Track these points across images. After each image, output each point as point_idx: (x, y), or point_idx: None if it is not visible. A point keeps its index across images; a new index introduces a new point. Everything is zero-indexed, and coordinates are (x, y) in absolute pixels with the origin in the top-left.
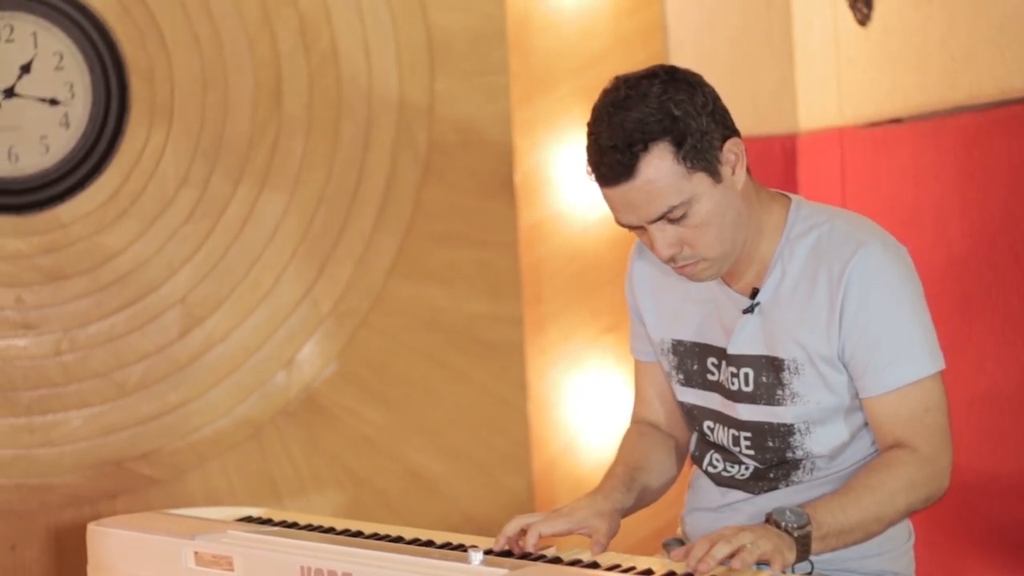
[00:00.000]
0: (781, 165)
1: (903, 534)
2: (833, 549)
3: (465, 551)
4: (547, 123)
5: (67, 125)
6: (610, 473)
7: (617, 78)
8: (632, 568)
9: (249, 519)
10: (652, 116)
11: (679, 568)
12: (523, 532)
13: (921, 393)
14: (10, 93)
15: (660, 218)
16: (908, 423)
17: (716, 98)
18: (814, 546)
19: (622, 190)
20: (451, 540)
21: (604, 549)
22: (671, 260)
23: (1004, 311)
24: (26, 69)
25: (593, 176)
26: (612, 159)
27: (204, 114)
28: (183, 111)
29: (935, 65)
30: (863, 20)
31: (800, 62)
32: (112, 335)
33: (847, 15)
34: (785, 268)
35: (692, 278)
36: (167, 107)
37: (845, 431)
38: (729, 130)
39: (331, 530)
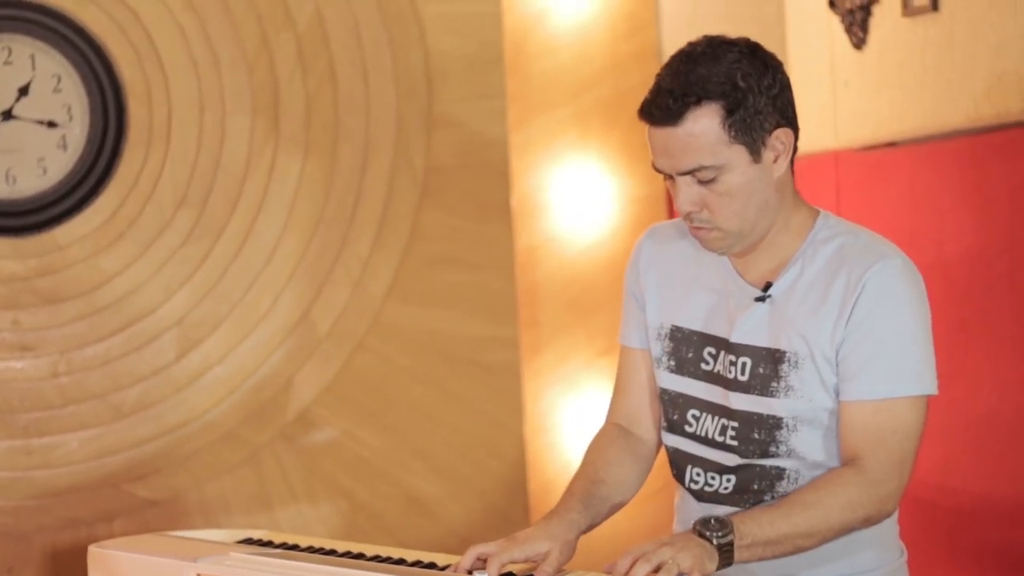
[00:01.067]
0: None
1: (894, 552)
2: (762, 559)
3: (470, 574)
4: (544, 146)
5: (65, 147)
6: (569, 491)
7: (705, 36)
8: None
9: (249, 541)
10: (716, 77)
11: None
12: (481, 561)
13: (893, 414)
14: (8, 115)
15: (689, 172)
16: (870, 440)
17: (786, 87)
18: (739, 555)
19: (664, 133)
20: (453, 562)
21: None
22: (688, 218)
23: (1001, 335)
24: (24, 91)
25: (643, 116)
26: (665, 101)
27: (201, 137)
28: (181, 133)
29: (931, 89)
30: (859, 44)
31: (796, 86)
32: (109, 357)
33: (843, 39)
34: (805, 266)
35: (703, 243)
36: (164, 129)
37: (833, 438)
38: (786, 120)
39: (332, 552)
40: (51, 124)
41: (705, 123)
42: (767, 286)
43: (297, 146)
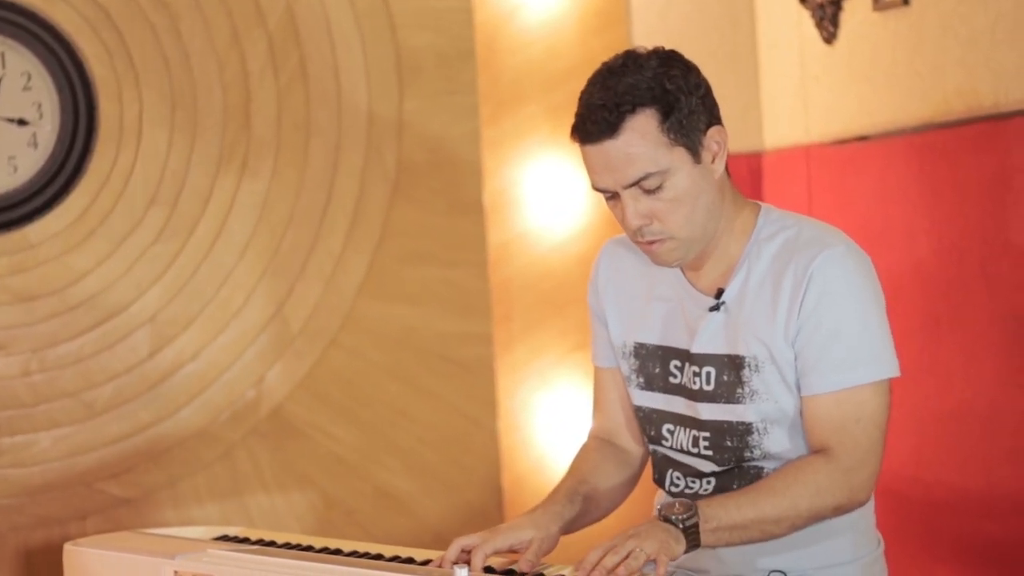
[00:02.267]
0: (747, 183)
1: (871, 542)
2: (729, 543)
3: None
4: (515, 142)
5: (35, 145)
6: (556, 488)
7: (621, 52)
8: None
9: (226, 538)
10: (644, 84)
11: None
12: (465, 553)
13: (856, 402)
14: None
15: (635, 183)
16: (836, 430)
17: (709, 89)
18: (704, 538)
19: (603, 148)
20: (431, 557)
21: (534, 566)
22: (638, 233)
23: (973, 329)
24: None
25: (577, 136)
26: (599, 116)
27: (172, 134)
28: (152, 131)
29: (902, 83)
30: (829, 38)
31: (765, 81)
32: (81, 355)
33: (813, 33)
34: (751, 268)
35: (656, 257)
36: (135, 127)
37: (802, 435)
38: (716, 119)
39: (310, 548)
40: (21, 122)
41: (643, 129)
42: (719, 293)
43: (268, 143)
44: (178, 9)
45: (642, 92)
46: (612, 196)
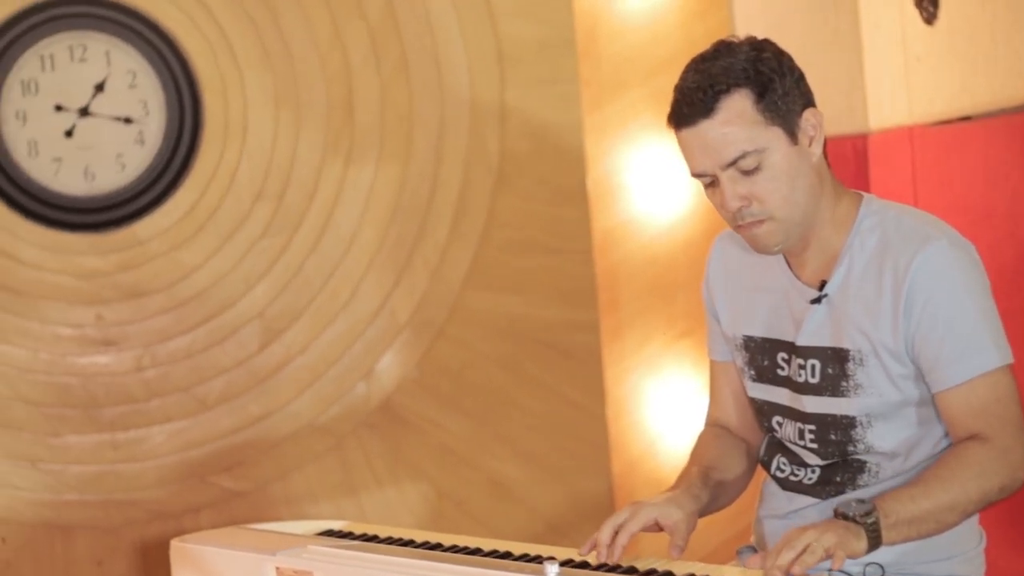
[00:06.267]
0: (853, 165)
1: (974, 537)
2: (907, 539)
3: (542, 563)
4: (618, 129)
5: (142, 143)
6: (685, 473)
7: (714, 42)
8: None
9: (330, 533)
10: (739, 65)
11: None
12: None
13: (990, 385)
14: (85, 112)
15: (732, 164)
16: (979, 415)
17: (802, 74)
18: (885, 535)
19: (700, 129)
20: (529, 551)
21: (683, 551)
22: (737, 216)
23: None
24: (100, 88)
25: (673, 121)
26: (694, 98)
27: (277, 129)
28: (256, 126)
29: (1002, 62)
30: (929, 19)
31: (868, 62)
32: (192, 350)
33: (914, 14)
34: (853, 260)
35: (756, 241)
36: (241, 123)
37: (909, 429)
38: (811, 102)
39: (411, 543)
40: (127, 120)
41: (738, 108)
42: (822, 284)
43: (372, 135)
44: (279, 5)
45: (736, 73)
46: (710, 182)
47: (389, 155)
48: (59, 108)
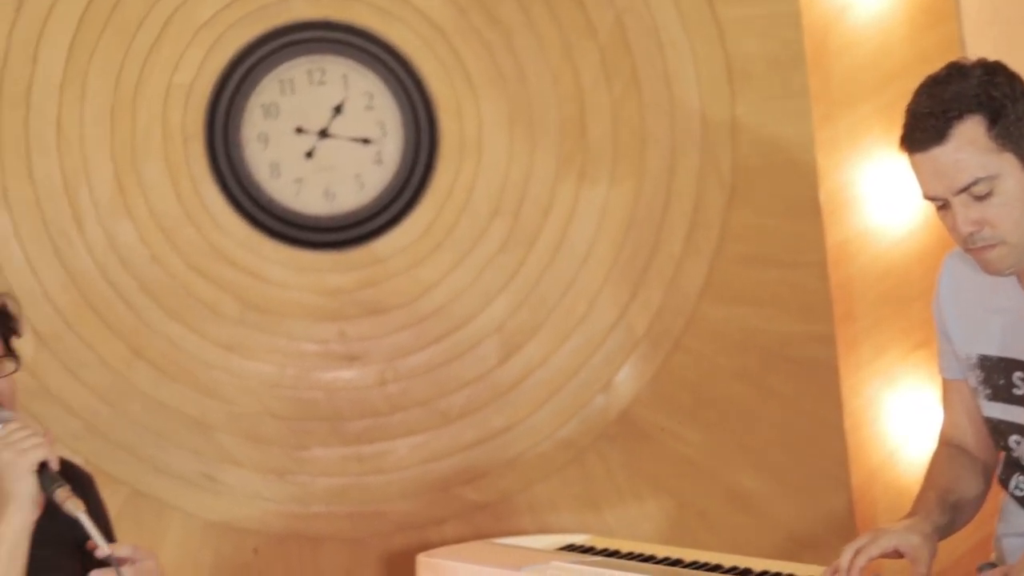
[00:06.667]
0: None
1: None
2: None
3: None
4: (850, 142)
5: (380, 162)
6: (922, 497)
7: (946, 64)
8: None
9: (572, 547)
10: (971, 91)
11: None
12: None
13: None
14: (324, 134)
15: (964, 190)
16: None
17: None
18: None
19: (932, 155)
20: (769, 568)
21: None
22: (969, 240)
23: None
24: (338, 110)
25: (905, 145)
26: (927, 124)
27: (512, 147)
28: (491, 144)
29: None
30: None
31: None
32: (432, 365)
33: None
34: None
35: (987, 264)
36: (476, 141)
37: None
38: None
39: (651, 558)
40: (365, 141)
41: (971, 135)
42: None
43: (605, 151)
44: (511, 26)
45: (968, 99)
46: (943, 205)
47: (622, 172)
48: (299, 130)
